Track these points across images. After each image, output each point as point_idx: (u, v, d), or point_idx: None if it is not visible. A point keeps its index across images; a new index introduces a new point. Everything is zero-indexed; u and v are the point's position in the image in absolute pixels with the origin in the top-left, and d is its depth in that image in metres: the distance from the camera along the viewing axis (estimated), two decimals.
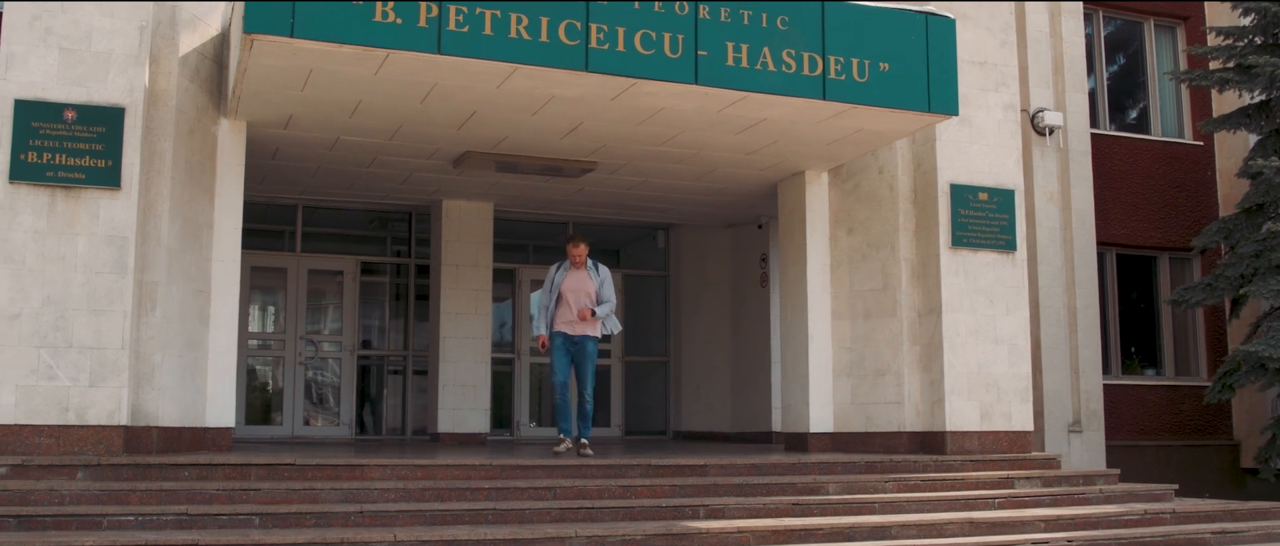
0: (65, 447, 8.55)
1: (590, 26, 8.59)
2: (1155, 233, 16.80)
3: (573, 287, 10.11)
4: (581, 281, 10.12)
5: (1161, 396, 16.58)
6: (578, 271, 10.15)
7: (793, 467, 10.03)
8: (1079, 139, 15.76)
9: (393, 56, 8.28)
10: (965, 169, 11.36)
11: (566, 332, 10.10)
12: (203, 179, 9.69)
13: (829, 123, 9.90)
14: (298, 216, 14.22)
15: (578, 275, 10.15)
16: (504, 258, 15.09)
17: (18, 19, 8.68)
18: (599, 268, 10.22)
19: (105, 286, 8.69)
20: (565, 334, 10.11)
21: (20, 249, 8.54)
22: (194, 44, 9.55)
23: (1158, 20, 17.61)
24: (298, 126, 10.14)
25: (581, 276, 10.15)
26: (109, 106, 8.80)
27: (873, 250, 11.56)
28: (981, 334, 11.20)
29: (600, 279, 10.16)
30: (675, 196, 13.15)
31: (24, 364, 8.51)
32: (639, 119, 9.83)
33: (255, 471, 8.60)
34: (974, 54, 11.57)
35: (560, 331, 10.11)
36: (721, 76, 8.98)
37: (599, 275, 10.17)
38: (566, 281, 10.13)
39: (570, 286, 10.11)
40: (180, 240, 9.34)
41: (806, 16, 9.29)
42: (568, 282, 10.12)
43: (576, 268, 10.16)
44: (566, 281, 10.13)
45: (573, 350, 10.13)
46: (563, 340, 10.11)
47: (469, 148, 10.85)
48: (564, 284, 10.13)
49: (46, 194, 8.63)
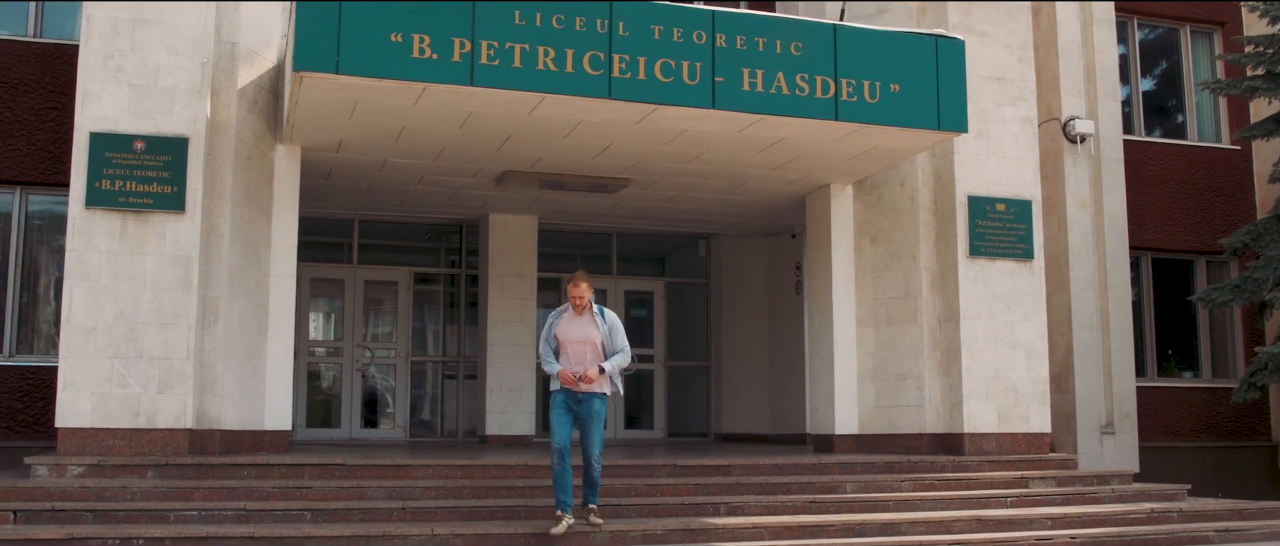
0: (136, 449, 9.37)
1: (613, 57, 9.23)
2: (1191, 236, 17.02)
3: (575, 337, 8.41)
4: (585, 329, 8.42)
5: (1198, 398, 16.80)
6: (580, 317, 8.47)
7: (813, 468, 10.58)
8: (1111, 146, 16.05)
9: (430, 89, 8.99)
10: (983, 181, 11.82)
11: (569, 390, 8.39)
12: (261, 200, 10.47)
13: (844, 141, 10.44)
14: (354, 230, 15.02)
15: (580, 323, 8.44)
16: (552, 266, 15.78)
17: (92, 59, 9.53)
18: (605, 313, 8.56)
19: (172, 302, 9.50)
20: (568, 391, 8.39)
21: (96, 268, 9.37)
22: (251, 76, 10.34)
23: (1194, 26, 17.82)
24: (348, 150, 10.90)
25: (585, 324, 8.44)
26: (174, 137, 9.62)
27: (895, 259, 12.06)
28: (999, 339, 11.65)
29: (608, 327, 8.49)
30: (709, 208, 13.73)
31: (99, 373, 9.34)
32: (665, 140, 10.45)
33: (308, 471, 9.35)
34: (992, 70, 12.03)
35: (562, 388, 8.41)
36: (738, 100, 9.57)
37: (606, 322, 8.50)
38: (567, 329, 8.44)
39: (572, 335, 8.41)
40: (240, 258, 10.13)
41: (819, 42, 9.85)
42: (569, 331, 8.43)
43: (579, 313, 8.48)
44: (567, 329, 8.44)
45: (577, 410, 8.40)
46: (565, 398, 8.39)
47: (508, 167, 11.54)
48: (564, 332, 8.44)
49: (119, 218, 9.46)
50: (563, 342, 8.45)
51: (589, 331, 8.44)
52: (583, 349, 8.41)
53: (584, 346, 8.41)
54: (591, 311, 8.51)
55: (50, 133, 12.36)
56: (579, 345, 8.42)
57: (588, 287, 8.54)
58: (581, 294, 8.47)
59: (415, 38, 8.78)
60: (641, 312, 16.74)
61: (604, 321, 8.50)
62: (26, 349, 12.36)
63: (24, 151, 12.32)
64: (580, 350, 8.41)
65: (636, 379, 16.49)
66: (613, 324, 8.56)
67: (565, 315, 8.52)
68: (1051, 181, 15.86)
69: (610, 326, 8.52)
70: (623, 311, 16.41)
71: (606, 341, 8.48)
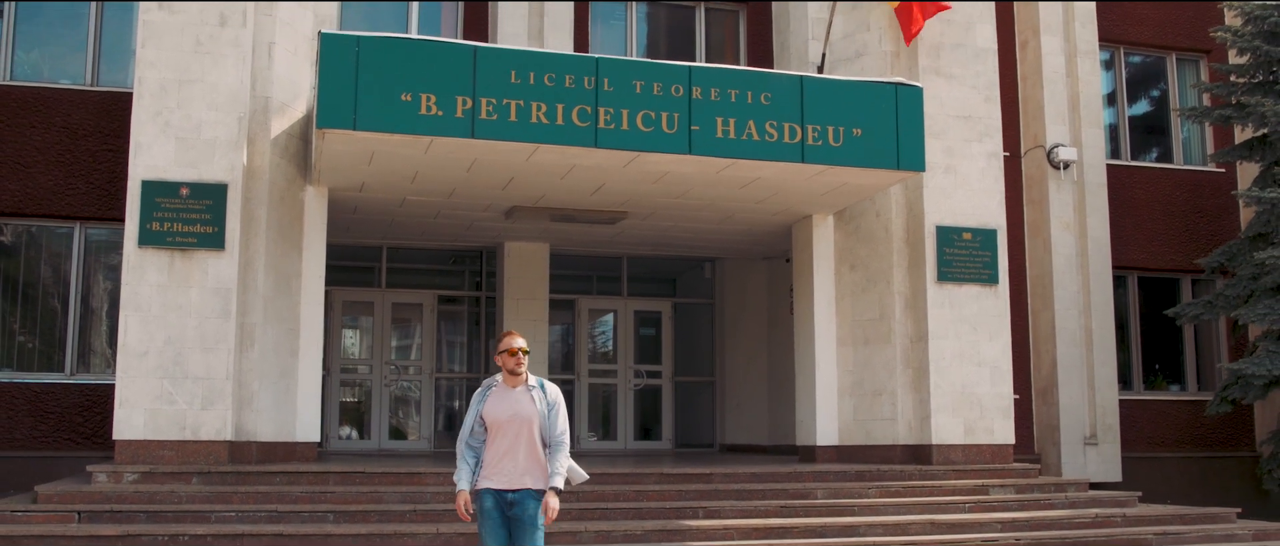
0: (183, 458, 10.64)
1: (599, 110, 10.41)
2: (1176, 256, 17.85)
3: (505, 416, 6.55)
4: (519, 405, 6.56)
5: (1182, 410, 17.62)
6: (514, 391, 6.62)
7: (789, 476, 11.67)
8: (1095, 171, 16.99)
9: (436, 141, 10.22)
10: (951, 212, 12.86)
11: (496, 488, 6.53)
12: (292, 236, 11.73)
13: (813, 179, 11.54)
14: (383, 256, 16.30)
15: (513, 397, 6.59)
16: (566, 288, 17.01)
17: (143, 115, 10.86)
18: (547, 386, 6.71)
19: (213, 329, 10.78)
20: (495, 490, 6.53)
21: (147, 300, 10.68)
22: (283, 126, 11.62)
23: (1180, 53, 18.67)
24: (370, 190, 12.14)
25: (519, 399, 6.58)
26: (215, 183, 10.91)
27: (871, 284, 13.12)
28: (966, 358, 12.68)
29: (549, 404, 6.63)
30: (706, 236, 14.84)
31: (150, 391, 10.63)
32: (651, 179, 11.60)
33: (333, 477, 10.58)
34: (960, 109, 13.07)
35: (488, 488, 6.55)
36: (712, 146, 10.71)
37: (547, 398, 6.64)
38: (495, 407, 6.59)
39: (501, 413, 6.56)
40: (274, 288, 11.40)
41: (787, 92, 10.97)
42: (497, 409, 6.58)
43: (513, 382, 6.64)
44: (495, 407, 6.59)
45: (507, 514, 6.55)
46: (494, 501, 6.53)
47: (515, 203, 12.73)
48: (492, 411, 6.59)
49: (166, 255, 10.76)
50: (490, 425, 6.57)
51: (524, 407, 6.57)
52: (516, 431, 6.54)
53: (517, 427, 6.54)
54: (527, 385, 6.66)
55: (106, 173, 13.68)
56: (511, 426, 6.54)
57: (525, 344, 6.73)
58: (517, 361, 6.62)
59: (423, 97, 10.01)
60: (650, 331, 17.90)
61: (545, 396, 6.64)
62: (85, 368, 13.69)
63: (83, 190, 13.66)
64: (513, 433, 6.54)
65: (648, 393, 17.65)
66: (554, 400, 6.67)
67: (495, 389, 6.66)
68: (1037, 205, 16.86)
69: (551, 404, 6.64)
70: (633, 330, 17.59)
71: (545, 424, 6.59)
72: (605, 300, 17.62)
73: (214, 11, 11.17)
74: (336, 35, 10.05)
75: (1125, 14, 18.09)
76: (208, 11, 11.16)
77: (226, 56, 11.15)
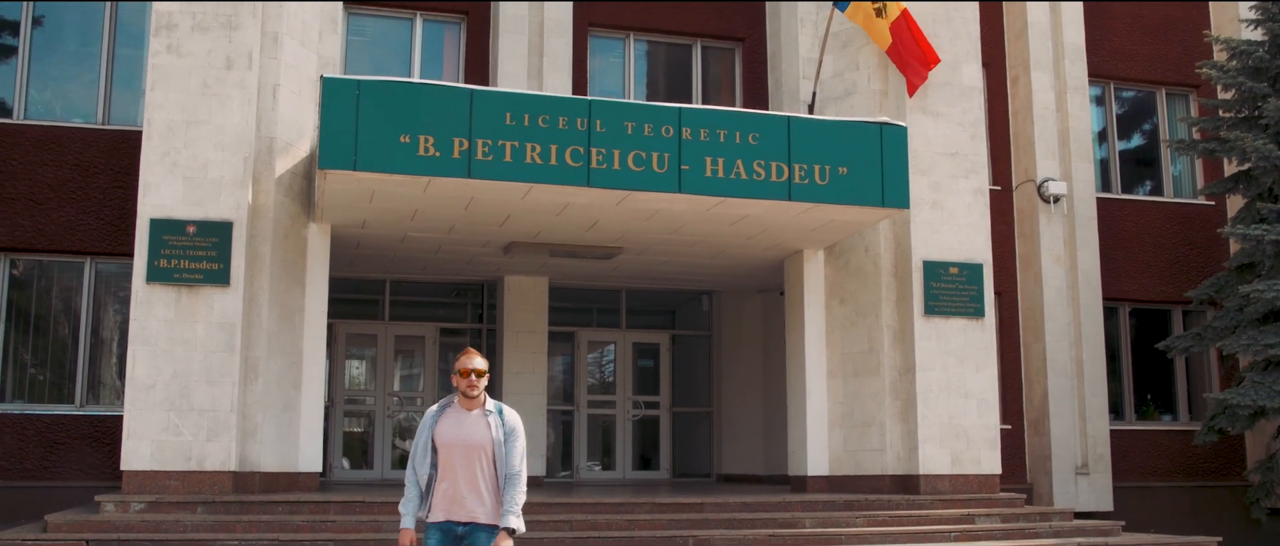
0: (188, 488, 10.97)
1: (591, 150, 10.77)
2: (1167, 288, 18.12)
3: (457, 440, 6.13)
4: (472, 430, 6.15)
5: (1174, 440, 17.84)
6: (470, 414, 6.20)
7: (779, 505, 11.94)
8: (1085, 205, 17.31)
9: (434, 181, 10.58)
10: (937, 247, 13.18)
11: (446, 521, 6.15)
12: (295, 272, 12.09)
13: (801, 217, 11.88)
14: (386, 289, 16.65)
15: (468, 421, 6.17)
16: (565, 320, 17.33)
17: (152, 156, 11.24)
18: (504, 411, 6.27)
19: (218, 362, 11.12)
20: (445, 524, 6.15)
21: (154, 335, 11.03)
22: (288, 166, 11.99)
23: (1170, 88, 19.00)
24: (371, 227, 12.50)
25: (474, 423, 6.17)
26: (221, 221, 11.29)
27: (860, 317, 13.43)
28: (952, 390, 12.97)
29: (506, 431, 6.20)
30: (700, 270, 15.17)
31: (157, 423, 10.97)
32: (644, 217, 11.94)
33: (333, 507, 10.89)
34: (946, 146, 13.41)
35: (435, 522, 6.18)
36: (701, 185, 11.07)
37: (505, 424, 6.22)
38: (447, 430, 6.17)
39: (453, 437, 6.14)
40: (277, 323, 11.75)
41: (775, 132, 11.32)
42: (449, 432, 6.16)
43: (468, 405, 6.20)
44: (447, 430, 6.17)
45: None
46: (439, 537, 6.14)
47: (513, 239, 13.09)
48: (444, 434, 6.17)
49: (174, 291, 11.13)
50: (441, 449, 6.14)
51: (477, 432, 6.14)
52: (468, 458, 6.11)
53: (470, 454, 6.11)
54: (484, 409, 6.23)
55: (116, 209, 14.06)
56: (463, 452, 6.11)
57: (484, 363, 6.27)
58: (470, 383, 6.16)
59: (421, 138, 10.38)
60: (649, 362, 18.20)
61: (502, 422, 6.21)
62: (95, 399, 14.03)
63: (93, 226, 14.05)
64: (464, 459, 6.11)
65: (647, 423, 17.95)
66: (512, 427, 6.22)
67: (449, 410, 6.25)
68: (1028, 239, 17.18)
69: (509, 430, 6.21)
70: (632, 362, 17.91)
71: (499, 452, 6.15)
72: (604, 332, 17.95)
73: (221, 55, 11.58)
74: (338, 79, 10.44)
75: (1115, 50, 18.46)
76: (215, 55, 11.57)
77: (232, 98, 11.54)
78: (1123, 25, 18.63)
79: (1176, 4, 19.02)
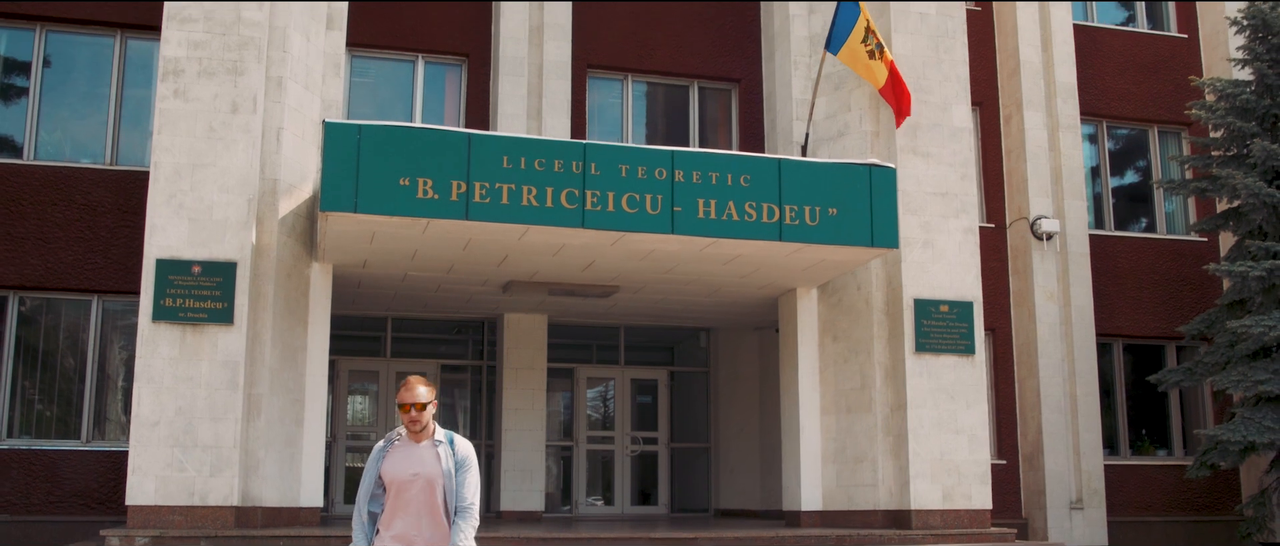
0: (192, 523, 11.18)
1: (586, 193, 11.04)
2: (1161, 323, 18.31)
3: (405, 475, 5.81)
4: (422, 462, 5.83)
5: (1168, 475, 17.99)
6: (418, 446, 5.87)
7: (772, 540, 12.13)
8: (1078, 242, 17.56)
9: (433, 223, 10.86)
10: (928, 285, 13.42)
11: None
12: (298, 310, 12.34)
13: (792, 256, 12.13)
14: (387, 326, 16.91)
15: (416, 453, 5.85)
16: (565, 357, 17.57)
17: (159, 198, 11.53)
18: (456, 441, 5.96)
19: (222, 400, 11.37)
20: None
21: (159, 373, 11.28)
22: (291, 206, 12.27)
23: (1162, 127, 19.26)
24: (372, 267, 12.77)
25: (423, 456, 5.85)
26: (225, 262, 11.56)
27: (853, 355, 13.65)
28: (944, 426, 13.17)
29: (457, 462, 5.89)
30: (696, 308, 15.42)
31: (161, 459, 11.21)
32: (638, 257, 12.20)
33: (335, 541, 11.09)
34: (937, 187, 13.67)
35: None
36: (694, 226, 11.32)
37: (456, 455, 5.91)
38: (395, 464, 5.85)
39: (401, 472, 5.82)
40: (280, 361, 12.00)
41: (766, 174, 11.59)
42: (397, 467, 5.84)
43: (416, 437, 5.87)
44: (395, 464, 5.85)
45: None
46: None
47: (511, 278, 13.34)
48: (392, 469, 5.84)
49: (179, 330, 11.39)
50: (389, 486, 5.82)
51: (426, 465, 5.83)
52: (419, 492, 5.79)
53: (420, 488, 5.80)
54: (433, 439, 5.91)
55: (124, 247, 14.33)
56: (411, 487, 5.79)
57: (428, 394, 5.90)
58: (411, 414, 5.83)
59: (420, 181, 10.66)
60: (647, 398, 18.42)
61: (454, 453, 5.90)
62: (101, 435, 14.27)
63: (101, 265, 14.32)
64: (415, 494, 5.79)
65: (646, 458, 18.14)
66: (464, 457, 5.91)
67: (397, 444, 5.92)
68: (1021, 275, 17.42)
69: (460, 461, 5.89)
70: (630, 398, 18.13)
71: (449, 484, 5.84)
72: (603, 369, 18.17)
73: (226, 99, 11.89)
74: (339, 124, 10.74)
75: (1107, 89, 18.75)
76: (220, 99, 11.88)
77: (237, 141, 11.84)
78: (1115, 65, 18.93)
79: (1168, 43, 19.34)
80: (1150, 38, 19.35)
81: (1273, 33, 16.13)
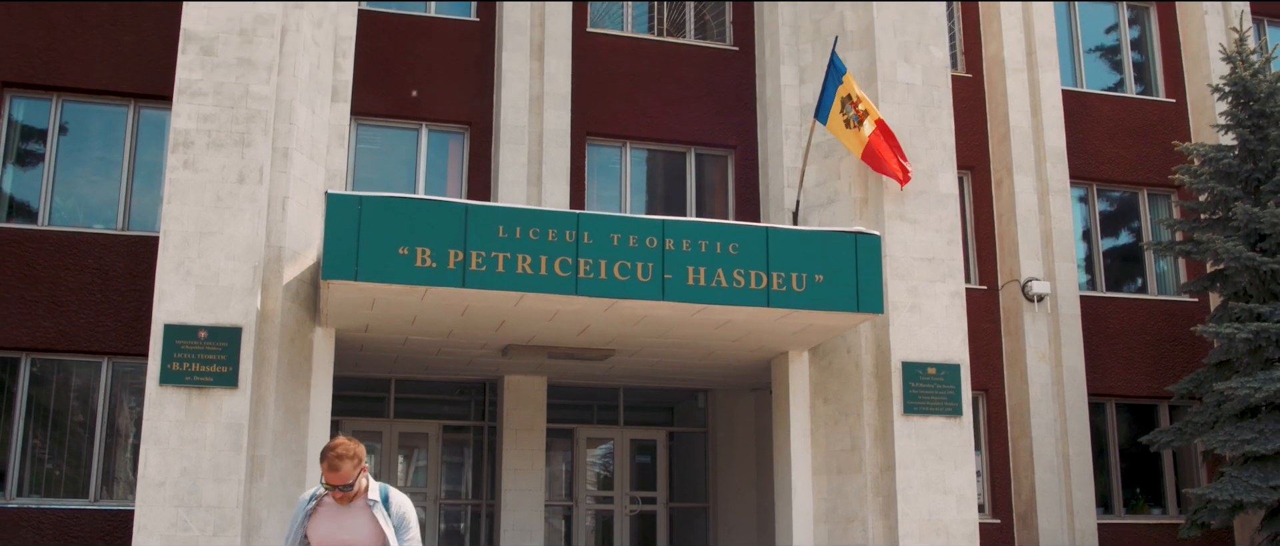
0: None
1: (579, 261, 11.44)
2: (1152, 383, 18.52)
3: (330, 542, 5.44)
4: (353, 528, 5.44)
5: (1162, 534, 18.13)
6: (349, 508, 5.47)
7: None
8: (1069, 304, 17.87)
9: (431, 290, 11.25)
10: (916, 348, 13.74)
11: None
12: (301, 374, 12.71)
13: (781, 321, 12.49)
14: (390, 388, 17.26)
15: (347, 516, 5.45)
16: (565, 417, 17.87)
17: (167, 265, 11.95)
18: (391, 498, 5.56)
19: (226, 461, 11.71)
20: None
21: (165, 435, 11.64)
22: (295, 273, 12.68)
23: (1151, 189, 19.61)
24: (374, 331, 13.15)
25: (355, 518, 5.46)
26: (231, 327, 11.95)
27: (843, 416, 13.95)
28: (932, 486, 13.44)
29: (396, 520, 5.49)
30: (692, 370, 15.75)
31: (166, 518, 11.53)
32: (632, 322, 12.57)
33: None
34: (924, 252, 14.04)
35: None
36: (684, 293, 11.71)
37: (392, 514, 5.51)
38: (323, 526, 5.47)
39: (329, 538, 5.45)
40: (283, 423, 12.35)
41: (754, 241, 11.98)
42: (324, 531, 5.46)
43: (343, 500, 5.43)
44: (323, 526, 5.47)
45: None
46: None
47: (509, 342, 13.71)
48: (319, 532, 5.47)
49: (185, 393, 11.76)
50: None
51: (359, 533, 5.39)
52: None
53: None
54: (366, 498, 5.46)
55: (133, 310, 14.72)
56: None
57: (352, 465, 5.35)
58: (340, 476, 5.29)
59: (418, 250, 11.08)
60: (646, 458, 18.69)
61: (389, 513, 5.49)
62: (108, 494, 14.59)
63: (111, 327, 14.72)
64: None
65: (645, 518, 18.38)
66: (402, 516, 5.51)
67: (325, 504, 5.46)
68: (1013, 337, 17.72)
69: (399, 520, 5.48)
70: (630, 459, 18.40)
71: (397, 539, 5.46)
72: (603, 429, 18.47)
73: (234, 170, 12.34)
74: (341, 195, 11.18)
75: (1096, 153, 19.13)
76: (228, 170, 12.33)
77: (244, 211, 12.27)
78: (1104, 129, 19.33)
79: (1156, 108, 19.75)
80: (1139, 102, 19.75)
81: (1254, 99, 16.54)
